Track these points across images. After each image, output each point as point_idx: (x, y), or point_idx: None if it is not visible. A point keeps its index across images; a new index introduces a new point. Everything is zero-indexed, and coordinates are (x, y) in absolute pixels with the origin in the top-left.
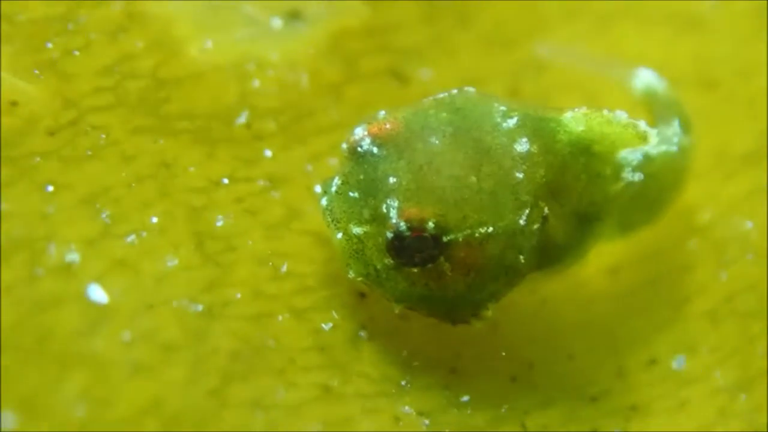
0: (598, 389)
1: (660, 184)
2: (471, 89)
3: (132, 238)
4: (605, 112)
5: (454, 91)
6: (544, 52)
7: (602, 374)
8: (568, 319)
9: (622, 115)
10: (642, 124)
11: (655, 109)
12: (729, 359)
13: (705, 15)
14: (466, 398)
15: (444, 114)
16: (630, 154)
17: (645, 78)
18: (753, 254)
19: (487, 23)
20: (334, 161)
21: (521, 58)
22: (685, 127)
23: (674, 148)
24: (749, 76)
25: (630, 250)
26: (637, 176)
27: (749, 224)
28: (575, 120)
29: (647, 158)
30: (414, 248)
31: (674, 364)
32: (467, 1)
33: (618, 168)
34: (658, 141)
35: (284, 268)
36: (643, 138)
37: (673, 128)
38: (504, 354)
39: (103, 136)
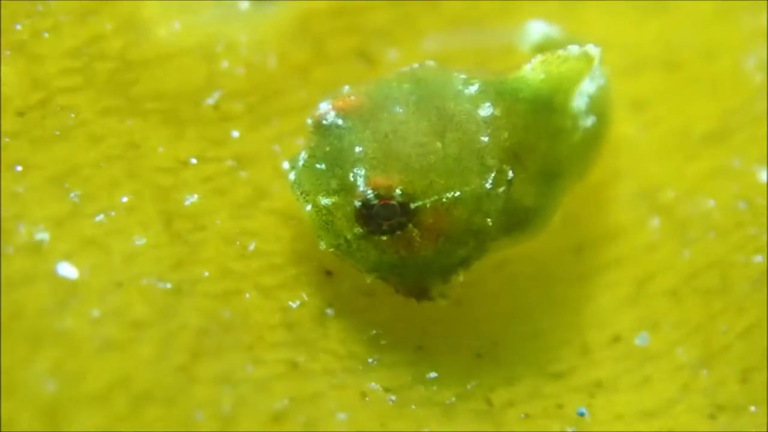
0: (563, 366)
1: (601, 119)
2: (431, 62)
3: (101, 217)
4: (559, 51)
5: (415, 65)
6: (431, 45)
7: (567, 351)
8: (533, 297)
9: (573, 48)
10: (590, 47)
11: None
12: (691, 336)
13: None
14: (432, 375)
15: (406, 85)
16: (579, 101)
17: (538, 28)
18: (715, 232)
19: (456, 4)
20: (300, 141)
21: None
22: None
23: (602, 80)
24: (712, 57)
25: (593, 230)
26: (591, 120)
27: (711, 203)
28: (535, 70)
29: (591, 99)
30: (382, 216)
31: (637, 341)
32: None
33: (575, 118)
34: (590, 79)
35: (252, 247)
36: (591, 60)
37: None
38: (469, 331)
39: (72, 116)
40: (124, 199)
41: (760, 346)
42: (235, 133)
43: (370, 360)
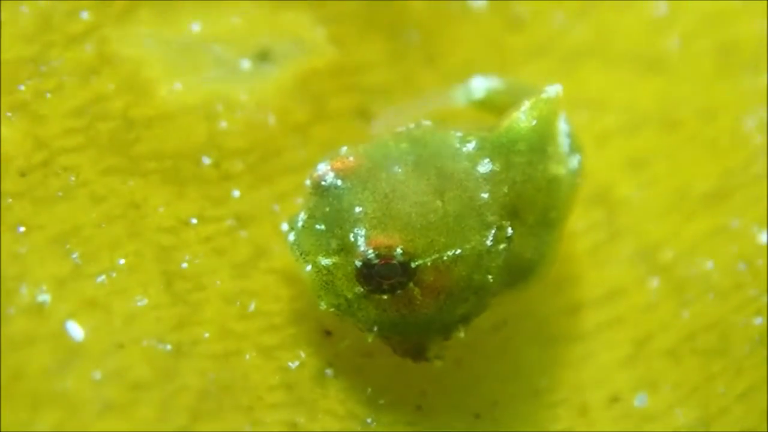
0: (562, 426)
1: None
2: (427, 122)
3: (102, 278)
4: (544, 95)
5: (411, 125)
6: (377, 128)
7: (565, 411)
8: (532, 357)
9: (549, 89)
10: (557, 86)
11: (508, 102)
12: (690, 397)
13: (669, 56)
14: None
15: (404, 144)
16: (564, 143)
17: (479, 83)
18: (714, 293)
19: (454, 62)
20: (300, 200)
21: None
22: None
23: (564, 112)
24: (712, 116)
25: (591, 289)
26: (576, 159)
27: (710, 264)
28: (527, 117)
29: (570, 136)
30: (383, 275)
31: (636, 402)
32: (434, 40)
33: (566, 162)
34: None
35: (252, 307)
36: (559, 98)
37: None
38: (468, 391)
39: (74, 177)
40: (125, 260)
41: (759, 408)
42: (236, 193)
43: (369, 420)
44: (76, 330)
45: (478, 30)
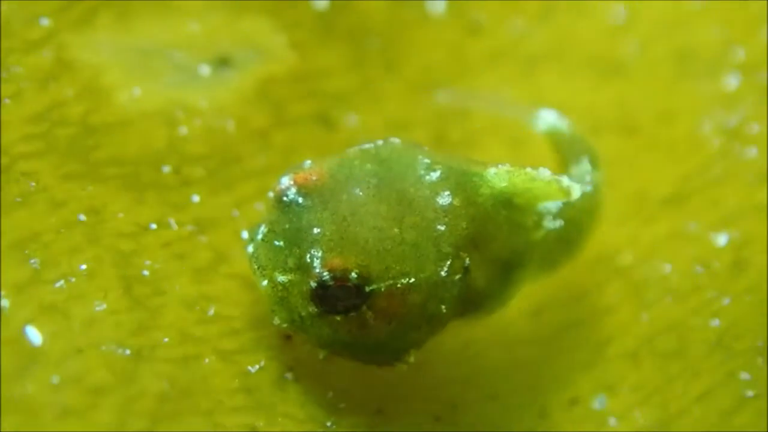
0: (522, 428)
1: (578, 225)
2: (396, 140)
3: (61, 283)
4: (528, 169)
5: (380, 142)
6: (444, 98)
7: (525, 414)
8: (492, 360)
9: (545, 172)
10: (565, 180)
11: (562, 148)
12: (649, 399)
13: (627, 61)
14: None
15: (369, 165)
16: (550, 204)
17: (547, 119)
18: (672, 296)
19: (414, 68)
20: (260, 206)
21: (447, 103)
22: (595, 163)
23: (589, 188)
24: (669, 121)
25: (552, 293)
26: (558, 223)
27: (668, 267)
28: (498, 177)
29: (567, 205)
30: (337, 297)
31: (596, 404)
32: (394, 46)
33: (539, 217)
34: (572, 182)
35: (211, 311)
36: (566, 193)
37: (584, 166)
38: (428, 394)
39: (33, 183)
40: (84, 266)
41: (717, 409)
42: (196, 198)
43: (329, 424)
44: (34, 335)
45: (438, 36)
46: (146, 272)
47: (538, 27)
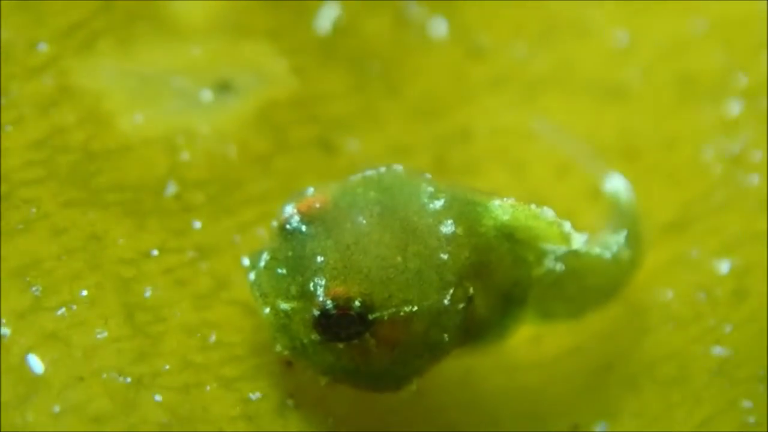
0: None
1: (583, 282)
2: (399, 167)
3: (62, 310)
4: (532, 206)
5: (383, 169)
6: (537, 127)
7: None
8: (493, 386)
9: (548, 212)
10: (567, 225)
11: (612, 214)
12: (650, 426)
13: (629, 86)
14: None
15: (372, 193)
16: (550, 246)
17: (615, 183)
18: (673, 323)
19: (415, 93)
20: (262, 232)
21: (448, 127)
22: (633, 242)
23: (607, 255)
24: (671, 146)
25: None
26: (559, 266)
27: (670, 293)
28: (502, 209)
29: (572, 253)
30: (340, 325)
31: (597, 430)
32: (396, 71)
33: (541, 255)
34: (593, 242)
35: (212, 338)
36: (566, 239)
37: (618, 238)
38: (429, 420)
39: (34, 209)
40: (85, 292)
41: None
42: (197, 224)
43: None
44: (36, 363)
45: (439, 60)
46: (147, 299)
47: (539, 51)
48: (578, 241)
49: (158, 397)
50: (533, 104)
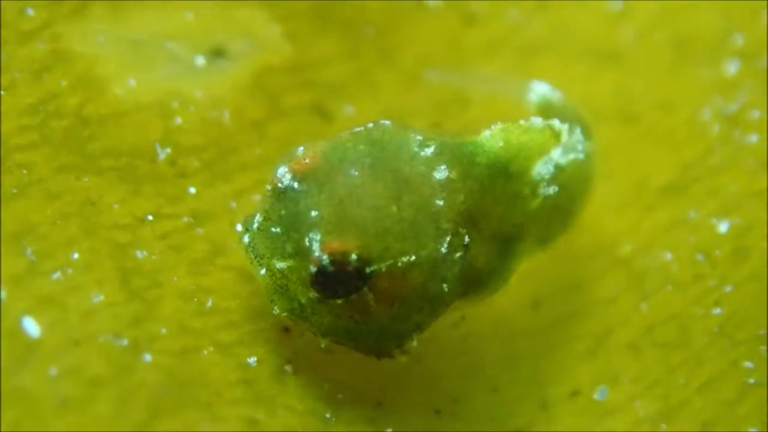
0: (522, 421)
1: (571, 193)
2: (386, 122)
3: (58, 274)
4: (521, 121)
5: (371, 125)
6: (433, 77)
7: (526, 406)
8: (492, 353)
9: (537, 120)
10: (556, 122)
11: (553, 117)
12: (650, 389)
13: (624, 49)
14: (390, 431)
15: (362, 146)
16: (543, 169)
17: (540, 90)
18: (673, 285)
19: (410, 59)
20: (257, 197)
21: (444, 93)
22: (587, 133)
23: (581, 156)
24: (668, 109)
25: (551, 284)
26: (552, 189)
27: (669, 255)
28: (494, 137)
29: (558, 169)
30: (338, 281)
31: (597, 395)
32: (390, 36)
33: (534, 185)
34: (564, 150)
35: (209, 304)
36: (558, 136)
37: (576, 136)
38: (428, 388)
39: (29, 174)
40: (81, 257)
41: (719, 399)
42: (192, 190)
43: (328, 416)
44: (32, 327)
45: (434, 26)
46: (143, 264)
47: (534, 16)
48: (566, 132)
49: (155, 361)
50: (528, 69)
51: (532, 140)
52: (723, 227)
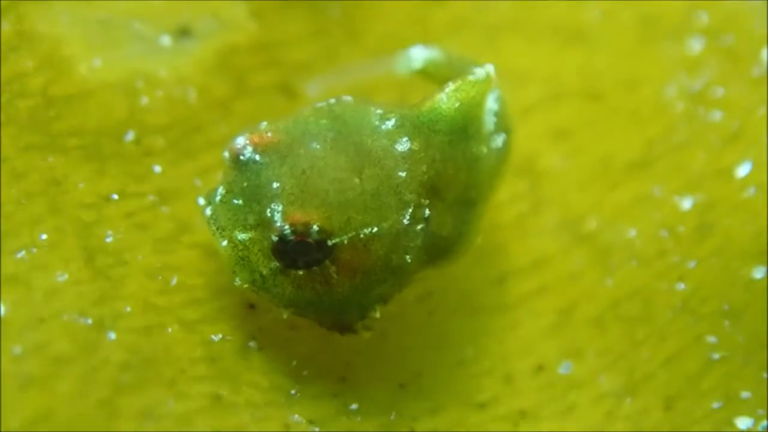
0: (487, 395)
1: (508, 132)
2: (348, 97)
3: (22, 253)
4: (469, 77)
5: (332, 100)
6: (314, 89)
7: (490, 381)
8: (456, 328)
9: (478, 71)
10: (489, 66)
11: (446, 74)
12: (615, 364)
13: (590, 28)
14: (355, 406)
15: (324, 121)
16: (488, 121)
17: (419, 54)
18: (637, 261)
19: (376, 37)
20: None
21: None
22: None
23: (498, 90)
24: (633, 86)
25: (516, 260)
26: (501, 138)
27: (633, 231)
28: (449, 99)
29: (497, 116)
30: (299, 252)
31: (561, 370)
32: (356, 15)
33: (489, 139)
34: (493, 95)
35: (174, 281)
36: (490, 81)
37: (477, 84)
38: (393, 362)
39: None
40: (46, 236)
41: (683, 374)
42: (157, 168)
43: (293, 392)
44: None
45: (400, 4)
46: (108, 242)
47: None
48: (491, 68)
49: (119, 339)
50: (494, 48)
51: (479, 93)
52: (687, 204)
